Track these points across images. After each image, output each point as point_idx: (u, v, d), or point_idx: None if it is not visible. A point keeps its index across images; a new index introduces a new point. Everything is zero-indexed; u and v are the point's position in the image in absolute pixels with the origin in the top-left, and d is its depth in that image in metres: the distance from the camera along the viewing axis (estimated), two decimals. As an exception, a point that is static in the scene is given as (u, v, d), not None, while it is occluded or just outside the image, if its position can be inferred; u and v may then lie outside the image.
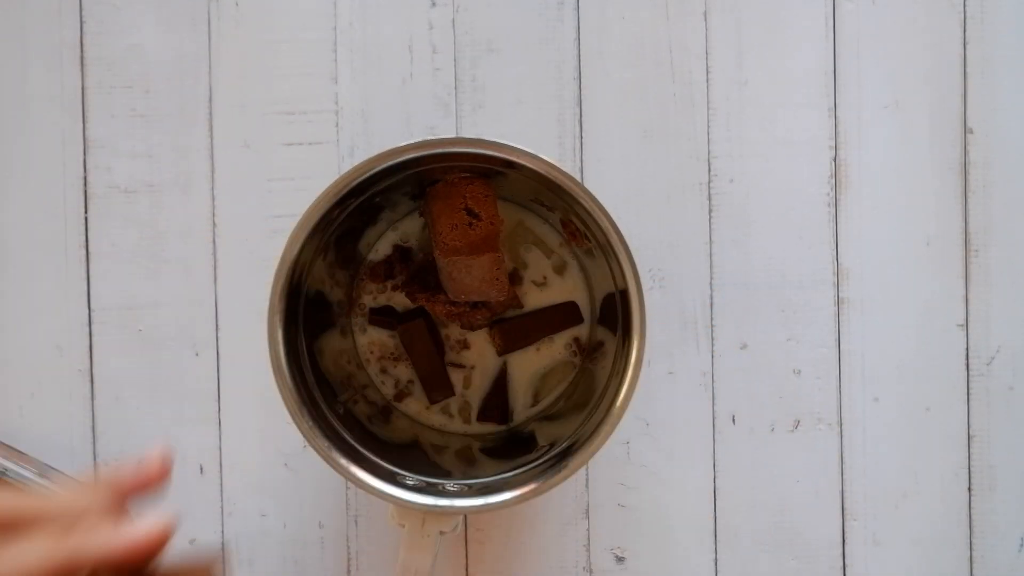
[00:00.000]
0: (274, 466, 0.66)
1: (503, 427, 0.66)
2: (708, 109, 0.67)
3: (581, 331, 0.66)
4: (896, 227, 0.67)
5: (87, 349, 0.66)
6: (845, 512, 0.67)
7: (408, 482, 0.56)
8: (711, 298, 0.67)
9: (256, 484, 0.66)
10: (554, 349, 0.66)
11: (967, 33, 0.67)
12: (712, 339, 0.67)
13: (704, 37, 0.67)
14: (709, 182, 0.67)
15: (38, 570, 0.35)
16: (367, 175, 0.55)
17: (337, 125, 0.67)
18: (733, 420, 0.67)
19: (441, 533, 0.54)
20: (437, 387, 0.65)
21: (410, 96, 0.67)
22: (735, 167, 0.67)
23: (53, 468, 0.65)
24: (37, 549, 0.35)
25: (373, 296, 0.66)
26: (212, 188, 0.66)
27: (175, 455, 0.35)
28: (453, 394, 0.66)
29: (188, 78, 0.67)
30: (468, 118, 0.66)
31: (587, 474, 0.66)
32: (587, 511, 0.67)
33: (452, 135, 0.66)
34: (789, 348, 0.67)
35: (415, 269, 0.65)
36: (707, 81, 0.67)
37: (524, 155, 0.55)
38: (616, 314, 0.60)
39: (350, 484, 0.61)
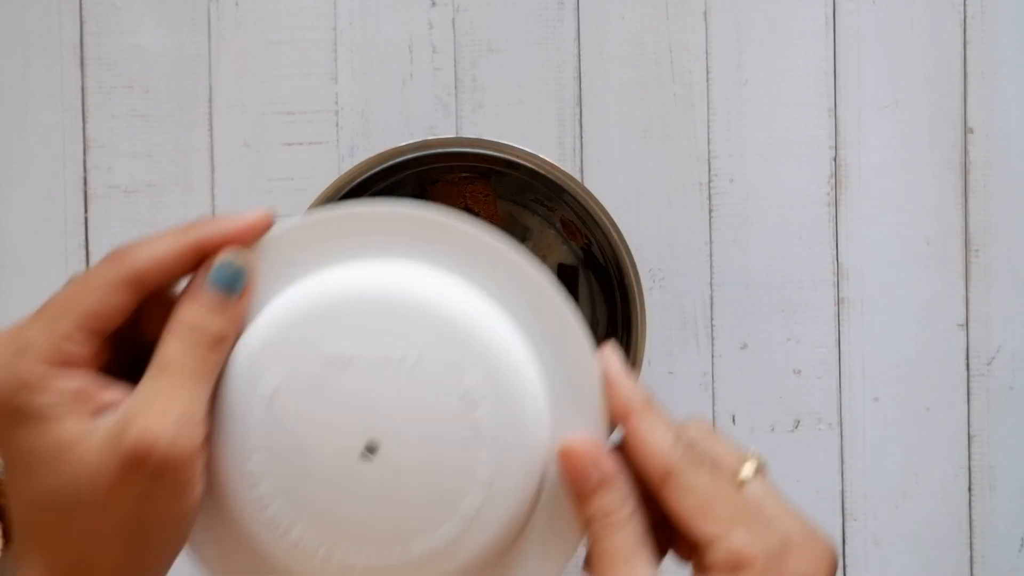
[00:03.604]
0: (274, 466, 0.66)
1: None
2: (708, 109, 0.67)
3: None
4: (896, 227, 0.67)
5: (87, 349, 0.66)
6: (845, 512, 0.67)
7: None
8: (711, 298, 0.67)
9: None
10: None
11: (967, 33, 0.67)
12: (712, 339, 0.67)
13: (704, 37, 0.67)
14: (709, 182, 0.67)
15: (172, 250, 0.40)
16: (367, 175, 0.55)
17: (337, 125, 0.67)
18: (733, 420, 0.67)
19: None
20: None
21: (410, 96, 0.67)
22: (735, 167, 0.67)
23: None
24: (166, 237, 0.40)
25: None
26: (212, 188, 0.66)
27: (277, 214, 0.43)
28: None
29: (188, 78, 0.67)
30: (468, 118, 0.66)
31: (587, 474, 0.66)
32: (587, 511, 0.67)
33: (452, 135, 0.66)
34: (789, 348, 0.67)
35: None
36: (707, 81, 0.67)
37: (524, 155, 0.55)
38: (616, 313, 0.60)
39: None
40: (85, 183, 0.67)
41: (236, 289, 0.41)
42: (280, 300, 0.43)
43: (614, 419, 0.43)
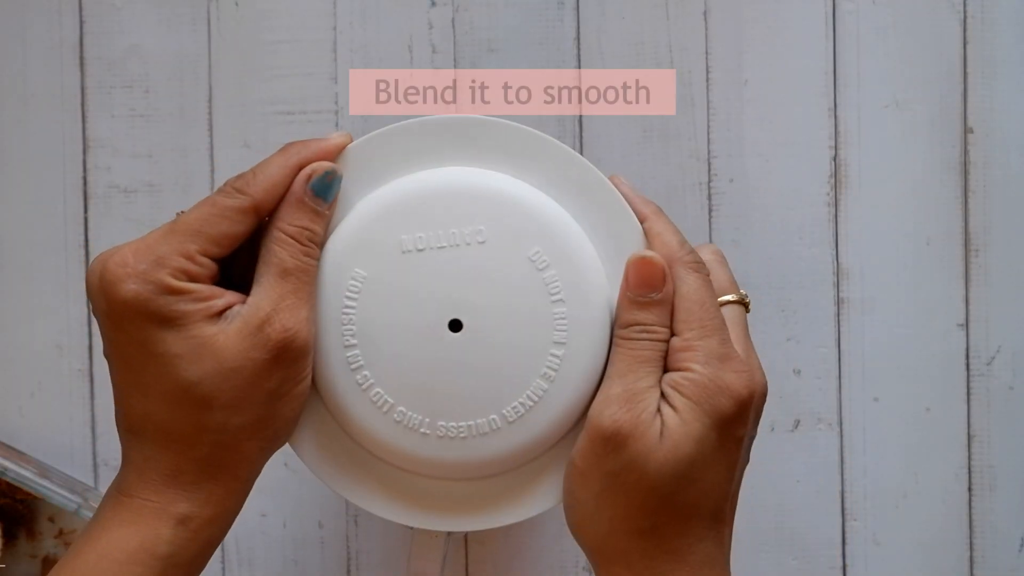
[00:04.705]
0: (274, 466, 0.66)
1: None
2: (708, 109, 0.67)
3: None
4: (896, 227, 0.67)
5: (87, 349, 0.66)
6: (845, 512, 0.67)
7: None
8: (711, 298, 0.67)
9: (256, 484, 0.66)
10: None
11: (967, 33, 0.67)
12: (712, 339, 0.67)
13: (704, 37, 0.67)
14: (709, 182, 0.67)
15: (281, 176, 0.47)
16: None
17: (337, 125, 0.67)
18: (733, 420, 0.66)
19: (449, 533, 0.54)
20: None
21: (410, 96, 0.67)
22: (735, 167, 0.67)
23: (53, 468, 0.65)
24: (273, 165, 0.47)
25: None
26: (212, 188, 0.66)
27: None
28: None
29: (188, 78, 0.67)
30: (468, 118, 0.66)
31: (587, 474, 0.66)
32: (587, 511, 0.67)
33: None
34: (789, 348, 0.67)
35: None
36: (707, 81, 0.67)
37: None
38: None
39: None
40: (85, 183, 0.67)
41: (331, 196, 0.47)
42: (356, 207, 0.48)
43: None
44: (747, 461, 0.49)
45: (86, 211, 0.67)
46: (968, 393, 0.67)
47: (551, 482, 0.49)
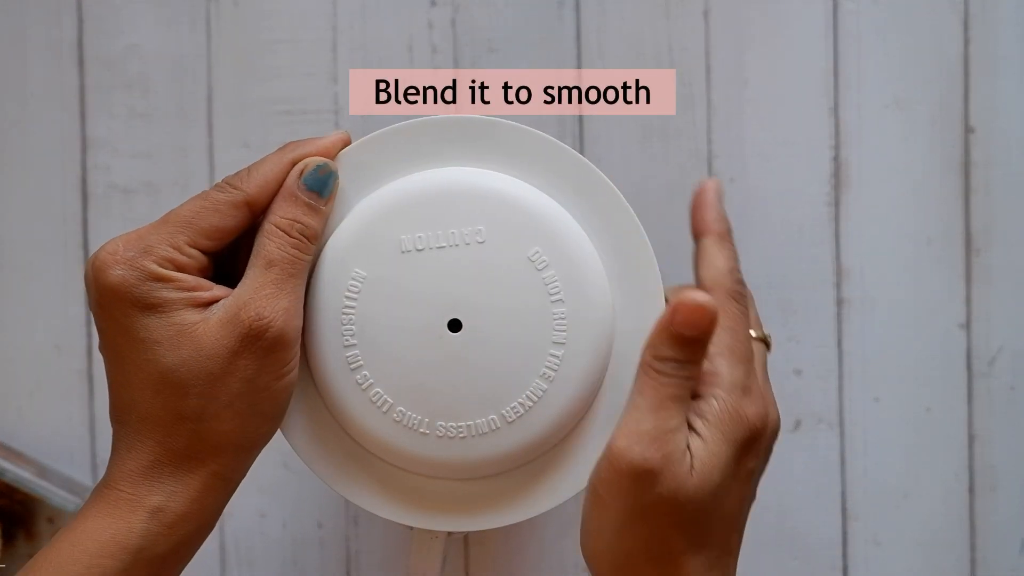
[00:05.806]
0: (273, 466, 0.66)
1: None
2: (708, 109, 0.67)
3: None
4: (897, 227, 0.67)
5: (86, 349, 0.66)
6: (845, 512, 0.67)
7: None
8: (711, 298, 0.66)
9: (255, 484, 0.66)
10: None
11: (968, 32, 0.67)
12: (712, 339, 0.67)
13: (704, 37, 0.67)
14: (709, 182, 0.67)
15: (276, 174, 0.47)
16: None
17: (337, 125, 0.67)
18: (733, 420, 0.66)
19: (449, 534, 0.54)
20: None
21: (410, 96, 0.67)
22: (735, 167, 0.67)
23: (52, 468, 0.65)
24: (269, 163, 0.48)
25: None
26: (211, 188, 0.66)
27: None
28: None
29: (187, 78, 0.67)
30: (468, 118, 0.66)
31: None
32: (587, 512, 0.67)
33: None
34: (789, 348, 0.67)
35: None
36: (707, 81, 0.67)
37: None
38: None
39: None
40: (84, 183, 0.67)
41: (327, 191, 0.48)
42: (356, 207, 0.49)
43: (694, 231, 0.49)
44: (754, 497, 0.48)
45: (85, 211, 0.67)
46: (969, 393, 0.67)
47: (551, 482, 0.49)
